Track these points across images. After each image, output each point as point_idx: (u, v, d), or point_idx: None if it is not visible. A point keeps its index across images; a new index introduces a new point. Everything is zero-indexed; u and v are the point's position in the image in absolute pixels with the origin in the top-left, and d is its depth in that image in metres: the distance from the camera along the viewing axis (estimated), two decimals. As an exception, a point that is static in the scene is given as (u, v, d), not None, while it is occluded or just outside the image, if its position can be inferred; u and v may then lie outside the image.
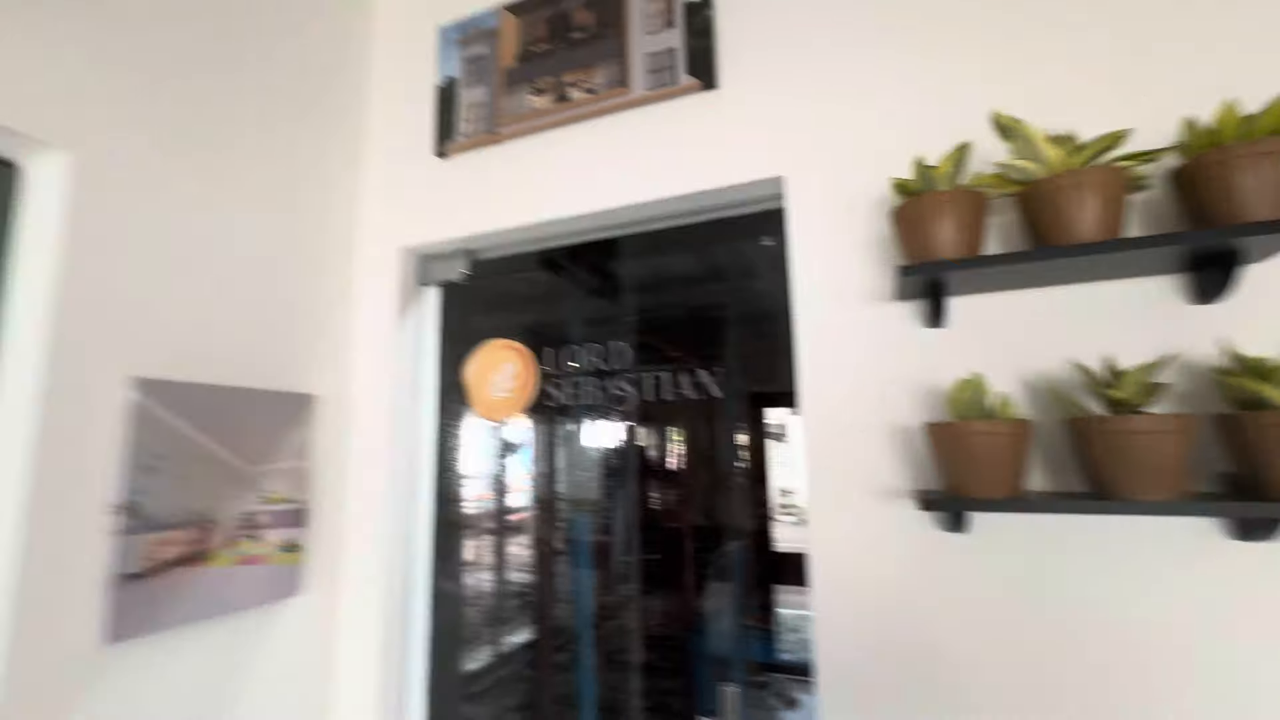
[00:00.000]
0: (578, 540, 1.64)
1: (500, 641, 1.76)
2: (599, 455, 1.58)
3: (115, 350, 1.06)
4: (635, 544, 1.61)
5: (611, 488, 1.60)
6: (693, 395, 1.33)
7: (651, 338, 1.47)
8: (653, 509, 1.65)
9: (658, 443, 1.62)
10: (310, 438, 1.37)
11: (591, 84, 1.32)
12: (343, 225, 1.52)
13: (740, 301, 1.51)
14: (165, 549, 1.08)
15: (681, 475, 1.63)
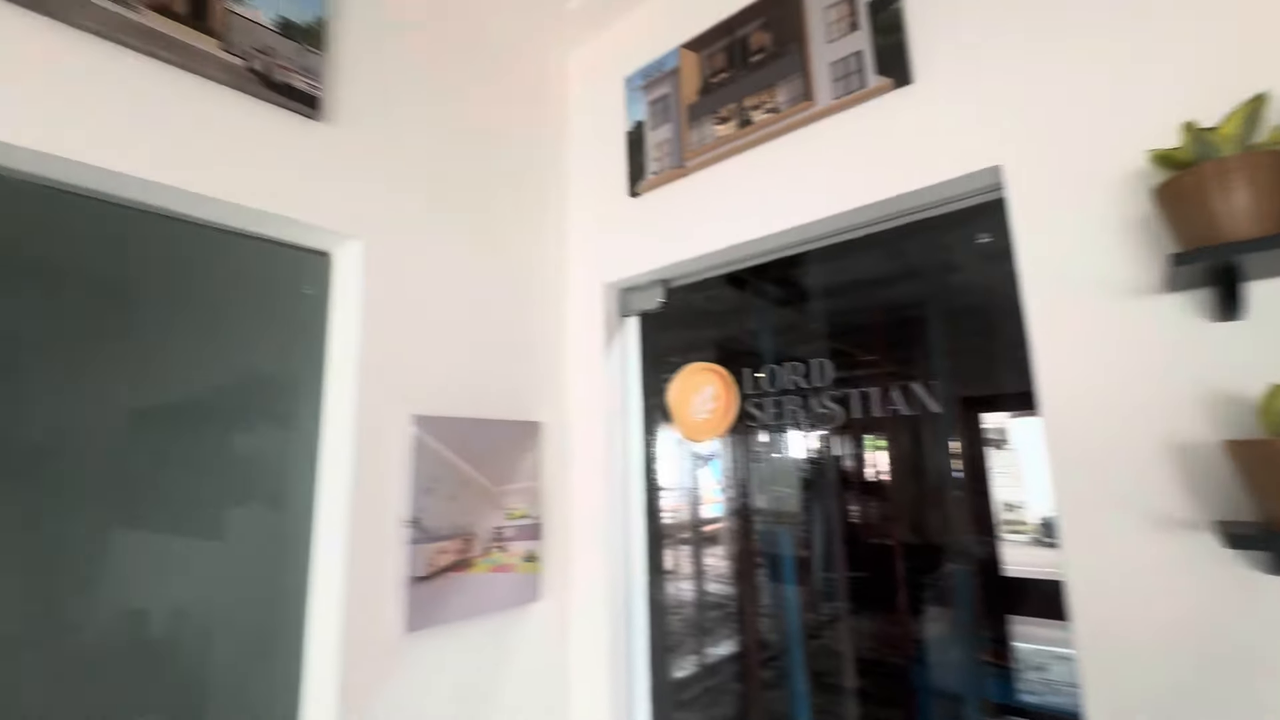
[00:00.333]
0: (777, 554, 1.62)
1: (704, 652, 1.80)
2: (796, 466, 1.55)
3: (399, 393, 1.31)
4: (838, 560, 1.55)
5: (810, 500, 1.56)
6: (903, 409, 1.25)
7: (852, 347, 1.41)
8: (855, 523, 1.57)
9: (856, 451, 1.55)
10: (539, 460, 1.55)
11: (774, 103, 1.32)
12: (554, 269, 1.71)
13: (947, 301, 1.39)
14: (441, 557, 1.30)
15: (886, 487, 1.53)
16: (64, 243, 1.02)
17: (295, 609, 1.21)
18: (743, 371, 1.49)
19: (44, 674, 0.94)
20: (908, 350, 1.36)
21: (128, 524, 1.03)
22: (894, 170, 1.16)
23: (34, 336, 0.98)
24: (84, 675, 0.97)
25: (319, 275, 1.32)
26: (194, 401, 1.13)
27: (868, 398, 1.30)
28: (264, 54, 1.16)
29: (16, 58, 0.92)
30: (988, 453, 1.34)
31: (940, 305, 1.38)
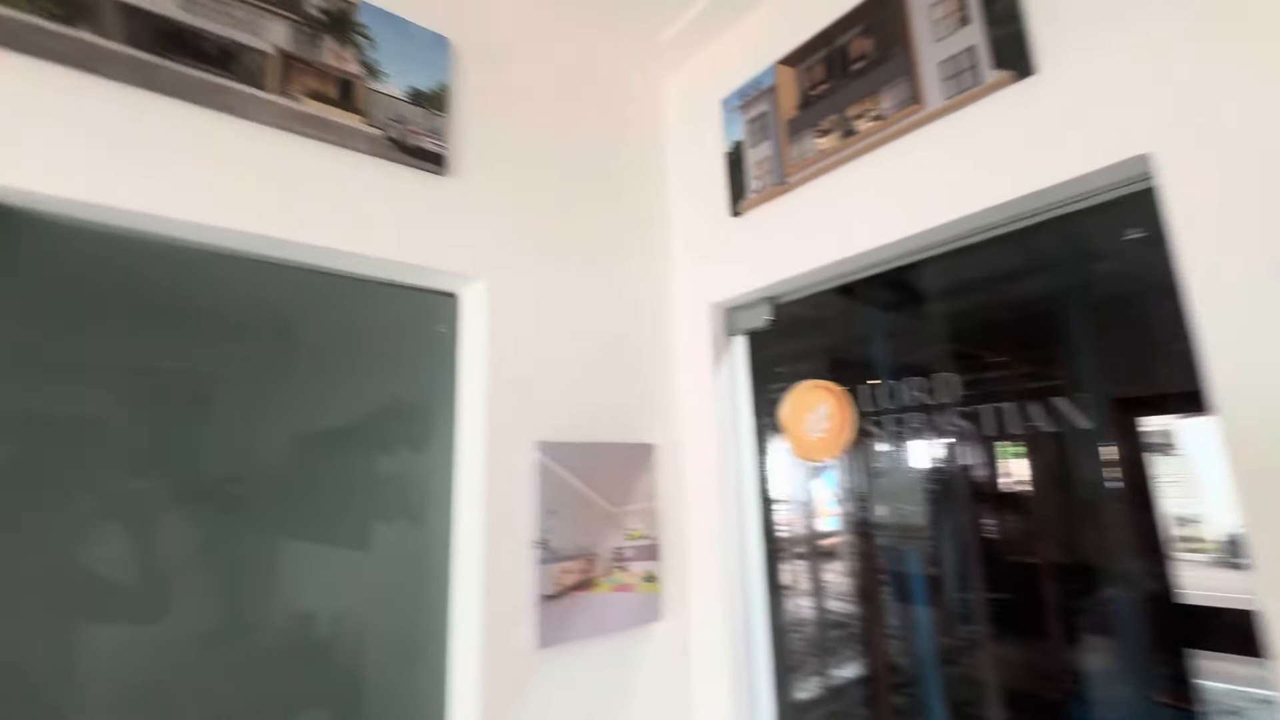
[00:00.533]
0: (903, 571, 1.53)
1: (828, 673, 1.73)
2: (920, 476, 1.46)
3: (523, 420, 1.40)
4: (974, 579, 1.44)
5: (938, 514, 1.47)
6: (1045, 425, 1.15)
7: (981, 355, 1.32)
8: (991, 539, 1.45)
9: (988, 460, 1.43)
10: (655, 481, 1.58)
11: (879, 110, 1.28)
12: (661, 293, 1.75)
13: (1088, 298, 1.25)
14: (566, 576, 1.36)
15: (1027, 499, 1.40)
16: (241, 298, 1.19)
17: (438, 619, 1.31)
18: (858, 387, 1.44)
19: (235, 666, 1.09)
20: (1045, 355, 1.25)
21: (293, 535, 1.18)
22: (1020, 168, 1.08)
23: (221, 375, 1.15)
24: (265, 669, 1.12)
25: (449, 315, 1.45)
26: (344, 428, 1.27)
27: (1002, 414, 1.20)
28: (398, 122, 1.31)
29: (206, 151, 1.10)
30: (1150, 460, 1.19)
31: (1080, 303, 1.25)
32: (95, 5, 1.01)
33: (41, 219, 1.00)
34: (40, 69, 0.96)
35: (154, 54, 1.05)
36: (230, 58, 1.12)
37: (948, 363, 1.32)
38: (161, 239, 1.11)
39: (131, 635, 1.01)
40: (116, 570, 1.01)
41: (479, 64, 1.51)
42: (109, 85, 1.02)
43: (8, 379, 0.96)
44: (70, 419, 1.01)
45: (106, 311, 1.05)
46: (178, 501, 1.07)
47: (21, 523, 0.95)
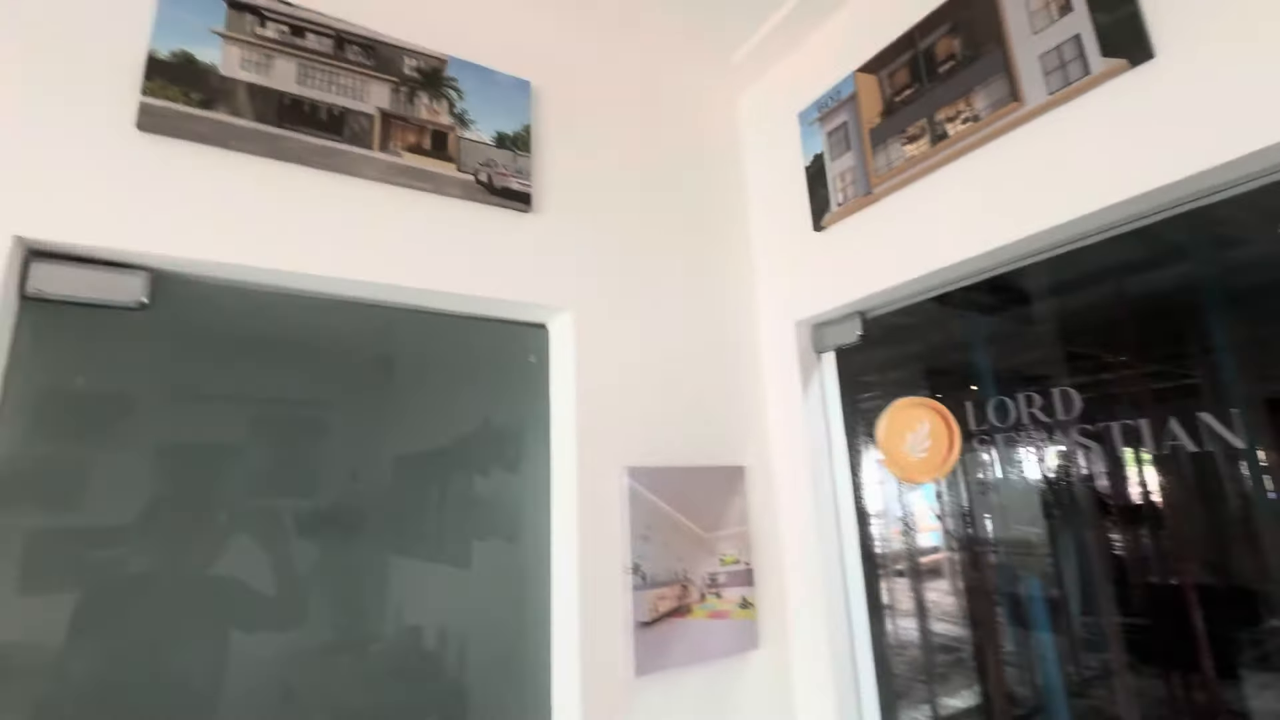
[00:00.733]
0: (1018, 592, 1.40)
1: (938, 701, 1.61)
2: (1034, 486, 1.34)
3: (612, 446, 1.42)
4: (1103, 602, 1.29)
5: (1058, 528, 1.34)
6: (1189, 444, 1.02)
7: (1103, 359, 1.20)
8: (1121, 558, 1.30)
9: (1115, 469, 1.29)
10: (747, 505, 1.55)
11: (972, 112, 1.21)
12: (746, 313, 1.73)
13: (1233, 294, 1.12)
14: (661, 602, 1.36)
15: (1164, 513, 1.25)
16: (348, 335, 1.29)
17: (540, 638, 1.34)
18: (961, 400, 1.35)
19: (354, 674, 1.16)
20: (1178, 355, 1.12)
21: (400, 552, 1.25)
22: (1141, 162, 0.98)
23: (333, 405, 1.25)
24: (379, 678, 1.19)
25: (539, 345, 1.50)
26: (442, 450, 1.34)
27: (1136, 432, 1.09)
28: (487, 166, 1.38)
29: (320, 210, 1.20)
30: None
31: (1224, 299, 1.12)
32: (230, 89, 1.14)
33: (186, 279, 1.14)
34: (185, 149, 1.10)
35: (277, 126, 1.16)
36: (340, 122, 1.23)
37: (1064, 369, 1.21)
38: (281, 289, 1.22)
39: (267, 642, 1.11)
40: (256, 581, 1.12)
41: (557, 102, 1.57)
42: (240, 157, 1.14)
43: (161, 414, 1.09)
44: (212, 446, 1.13)
45: (237, 352, 1.17)
46: (300, 519, 1.17)
47: (175, 538, 1.07)
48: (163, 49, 1.09)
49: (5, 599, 0.93)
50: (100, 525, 1.01)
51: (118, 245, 1.02)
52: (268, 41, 1.19)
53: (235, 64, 1.15)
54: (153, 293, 1.09)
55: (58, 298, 1.02)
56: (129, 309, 1.08)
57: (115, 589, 1.01)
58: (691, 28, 1.65)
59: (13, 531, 0.96)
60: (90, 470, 1.02)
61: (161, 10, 1.11)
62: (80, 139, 1.02)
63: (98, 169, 1.03)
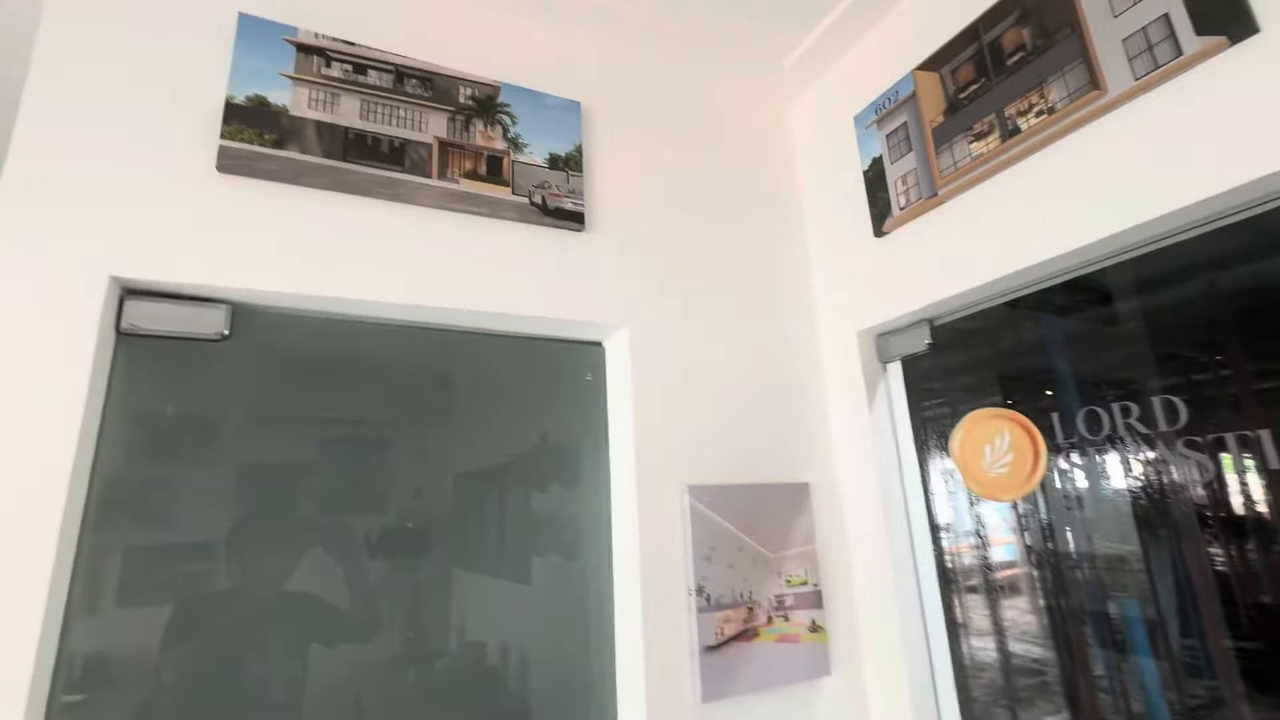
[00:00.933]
0: (1110, 611, 1.28)
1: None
2: (1129, 500, 1.22)
3: (672, 464, 1.39)
4: (1208, 623, 1.17)
5: (1152, 542, 1.22)
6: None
7: (1208, 368, 1.09)
8: (1227, 575, 1.17)
9: (1213, 476, 1.16)
10: (813, 523, 1.49)
11: (1047, 103, 1.14)
12: (806, 324, 1.68)
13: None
14: (727, 625, 1.32)
15: (1264, 511, 1.12)
16: (409, 357, 1.32)
17: (604, 658, 1.33)
18: (1047, 411, 1.26)
19: (421, 689, 1.18)
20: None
21: (461, 566, 1.26)
22: (1246, 147, 0.90)
23: (400, 422, 1.28)
24: (445, 692, 1.19)
25: (596, 363, 1.50)
26: (502, 468, 1.35)
27: (1255, 444, 0.98)
28: (540, 188, 1.39)
29: (383, 239, 1.24)
30: None
31: None
32: (299, 128, 1.19)
33: (262, 310, 1.19)
34: (258, 187, 1.15)
35: (342, 160, 1.21)
36: (400, 153, 1.27)
37: (1162, 375, 1.11)
38: (347, 316, 1.26)
39: (342, 655, 1.14)
40: (331, 595, 1.15)
41: (607, 120, 1.57)
42: (308, 192, 1.19)
43: (242, 437, 1.14)
44: (287, 466, 1.17)
45: (309, 377, 1.22)
46: (369, 535, 1.20)
47: (257, 553, 1.12)
48: (239, 94, 1.16)
49: (106, 610, 1.00)
50: (189, 542, 1.07)
51: (202, 281, 1.08)
52: (333, 81, 1.25)
53: (304, 104, 1.21)
54: (232, 324, 1.15)
55: (148, 332, 1.09)
56: (211, 340, 1.14)
57: (203, 602, 1.06)
58: (739, 37, 1.63)
59: (113, 547, 1.02)
60: (180, 490, 1.09)
61: (237, 59, 1.18)
62: (167, 183, 1.09)
63: (183, 210, 1.09)
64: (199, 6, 1.19)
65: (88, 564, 0.99)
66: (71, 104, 1.06)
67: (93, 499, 1.01)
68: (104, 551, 1.01)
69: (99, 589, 1.00)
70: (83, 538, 0.99)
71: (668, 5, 1.52)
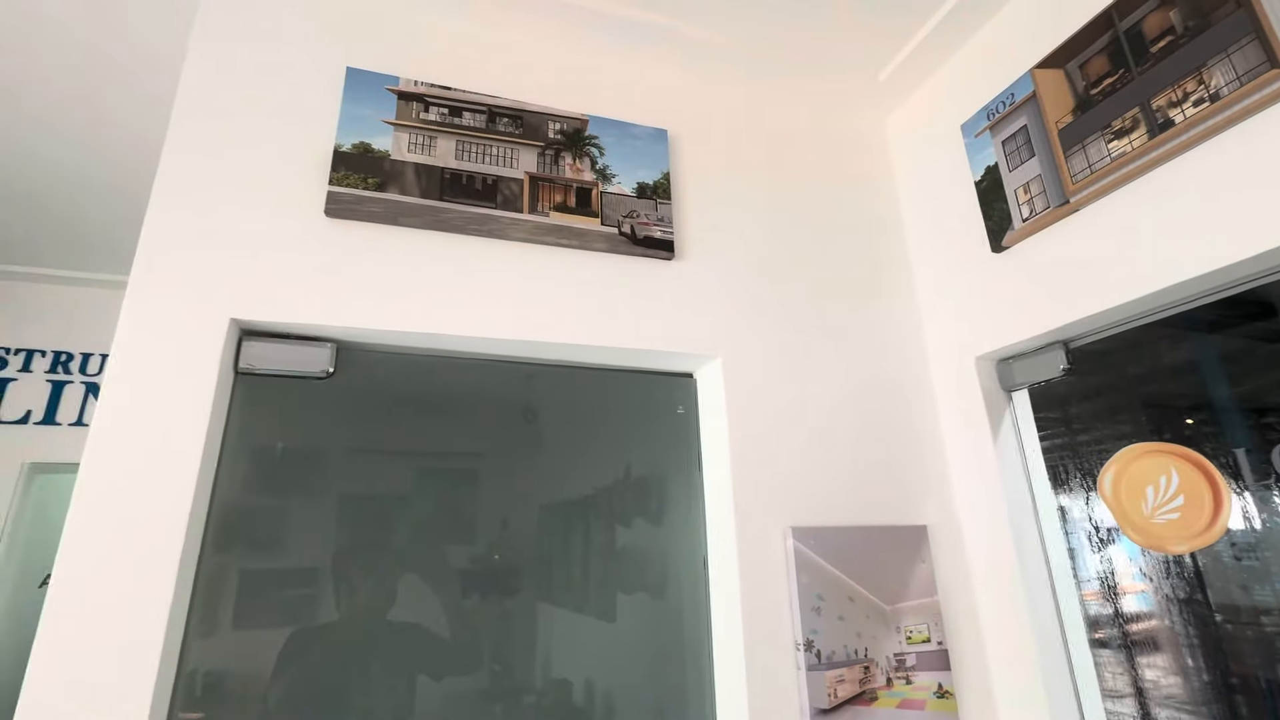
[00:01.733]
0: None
1: None
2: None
3: (773, 503, 1.29)
4: None
5: None
6: None
7: None
8: None
9: None
10: (933, 571, 1.34)
11: (1208, 90, 0.99)
12: (916, 352, 1.55)
13: None
14: (841, 686, 1.18)
15: None
16: (498, 390, 1.31)
17: (701, 705, 1.23)
18: (1229, 448, 1.06)
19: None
20: None
21: (547, 600, 1.22)
22: None
23: (489, 453, 1.27)
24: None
25: (688, 395, 1.43)
26: (586, 501, 1.31)
27: None
28: (629, 218, 1.37)
29: (476, 275, 1.24)
30: None
31: None
32: (399, 170, 1.23)
33: (363, 348, 1.22)
34: (361, 229, 1.19)
35: (439, 199, 1.24)
36: (493, 190, 1.28)
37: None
38: (443, 352, 1.27)
39: (439, 687, 1.11)
40: (433, 625, 1.14)
41: (695, 147, 1.54)
42: (407, 232, 1.22)
43: (343, 469, 1.17)
44: (385, 496, 1.18)
45: (405, 411, 1.23)
46: (458, 565, 1.19)
47: (359, 578, 1.13)
48: (346, 142, 1.21)
49: (223, 631, 1.03)
50: (298, 567, 1.10)
51: (311, 320, 1.12)
52: (430, 124, 1.29)
53: (404, 148, 1.25)
54: (336, 361, 1.18)
55: (263, 371, 1.13)
56: (317, 378, 1.17)
57: (311, 625, 1.08)
58: (827, 54, 1.56)
59: (229, 572, 1.06)
60: (290, 519, 1.12)
61: (345, 109, 1.23)
62: (281, 229, 1.15)
63: (294, 254, 1.14)
64: (313, 62, 1.27)
65: (206, 587, 1.03)
66: (202, 155, 1.15)
67: (211, 526, 1.05)
68: (221, 576, 1.05)
69: (216, 611, 1.03)
70: (201, 562, 1.03)
71: (752, 29, 1.48)
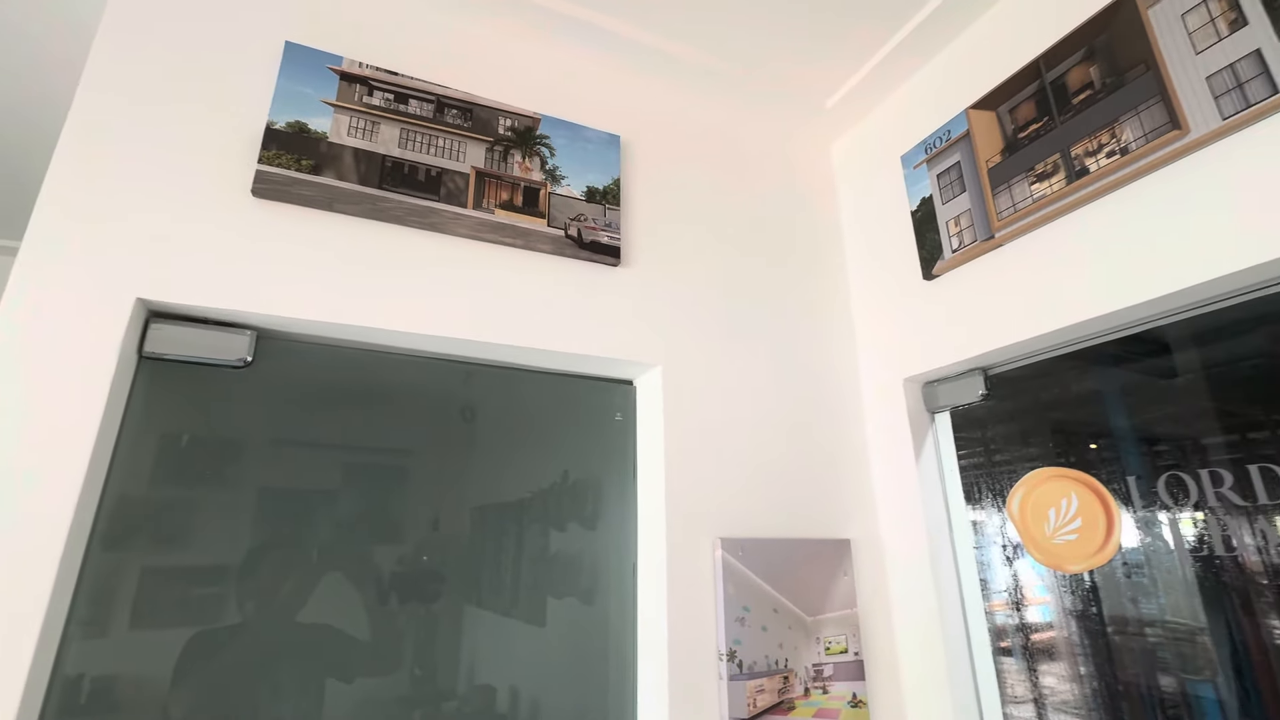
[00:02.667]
0: (1169, 686, 1.13)
1: None
2: (1177, 557, 1.09)
3: (703, 513, 1.30)
4: (1272, 701, 1.02)
5: (1210, 609, 1.08)
6: None
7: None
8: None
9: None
10: (855, 584, 1.38)
11: (1119, 144, 1.07)
12: (848, 371, 1.60)
13: None
14: (761, 696, 1.20)
15: None
16: (432, 388, 1.27)
17: (623, 713, 1.23)
18: (1124, 475, 1.14)
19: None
20: None
21: (475, 603, 1.19)
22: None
23: (420, 452, 1.23)
24: None
25: (626, 402, 1.43)
26: (520, 504, 1.28)
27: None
28: (576, 221, 1.36)
29: (414, 268, 1.20)
30: None
31: None
32: (337, 154, 1.18)
33: (287, 337, 1.16)
34: (292, 212, 1.13)
35: (378, 188, 1.19)
36: (437, 182, 1.25)
37: (1260, 441, 1.00)
38: (375, 346, 1.22)
39: (351, 690, 1.07)
40: (349, 626, 1.09)
41: (647, 155, 1.54)
42: (342, 219, 1.17)
43: (259, 462, 1.10)
44: (305, 493, 1.13)
45: (331, 405, 1.18)
46: (384, 566, 1.14)
47: (275, 578, 1.07)
48: (279, 120, 1.15)
49: (116, 632, 0.95)
50: (206, 564, 1.03)
51: (229, 306, 1.05)
52: (374, 109, 1.24)
53: (343, 131, 1.20)
54: (256, 350, 1.12)
55: (172, 357, 1.05)
56: (234, 366, 1.10)
57: (217, 626, 1.01)
58: (782, 76, 1.60)
59: (126, 568, 0.98)
60: (195, 514, 1.04)
61: (281, 86, 1.17)
62: (201, 206, 1.08)
63: (215, 234, 1.07)
64: (247, 33, 1.20)
65: (94, 585, 0.95)
66: (114, 121, 1.06)
67: (103, 519, 0.97)
68: (115, 573, 0.97)
69: (109, 611, 0.95)
70: (89, 558, 0.95)
71: (712, 45, 1.50)
